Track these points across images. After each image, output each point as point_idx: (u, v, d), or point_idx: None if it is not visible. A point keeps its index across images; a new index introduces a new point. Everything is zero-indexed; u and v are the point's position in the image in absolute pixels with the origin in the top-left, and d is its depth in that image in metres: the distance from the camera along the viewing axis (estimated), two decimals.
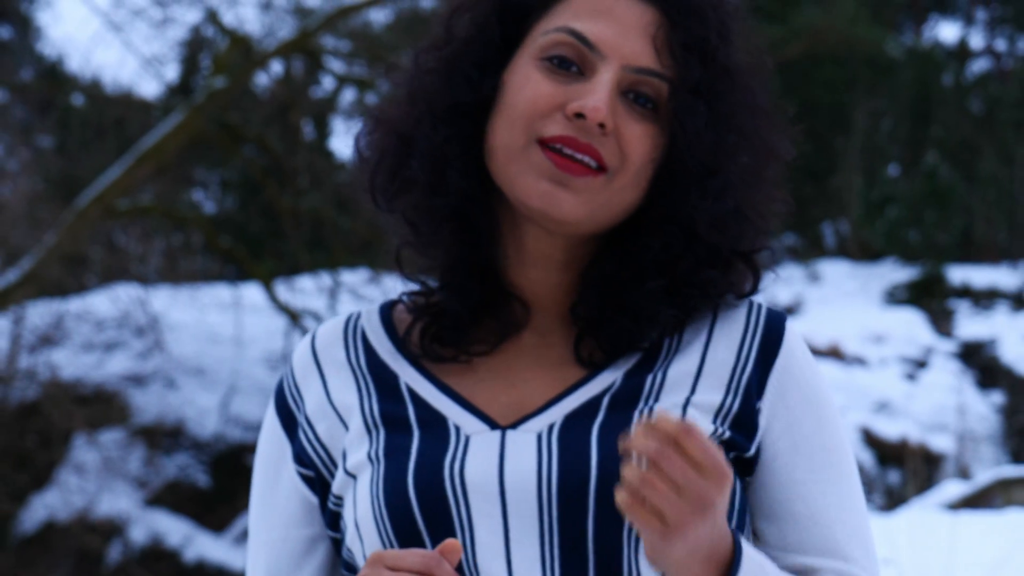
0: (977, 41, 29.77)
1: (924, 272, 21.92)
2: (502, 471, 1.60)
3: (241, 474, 15.73)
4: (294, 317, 15.19)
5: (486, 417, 1.65)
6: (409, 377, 1.70)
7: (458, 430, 1.64)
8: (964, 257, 23.64)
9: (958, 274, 21.95)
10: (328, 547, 1.73)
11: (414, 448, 1.63)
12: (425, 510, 1.59)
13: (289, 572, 1.72)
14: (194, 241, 20.24)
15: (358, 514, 1.63)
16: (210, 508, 15.93)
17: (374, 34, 17.87)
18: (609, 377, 1.66)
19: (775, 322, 1.71)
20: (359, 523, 1.63)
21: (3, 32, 24.10)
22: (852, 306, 20.95)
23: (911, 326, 19.64)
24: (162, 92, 18.07)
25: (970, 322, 20.42)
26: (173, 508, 15.80)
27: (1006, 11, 29.35)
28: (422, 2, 17.47)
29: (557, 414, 1.64)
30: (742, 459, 1.66)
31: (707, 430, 1.63)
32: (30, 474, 15.28)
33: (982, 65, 29.45)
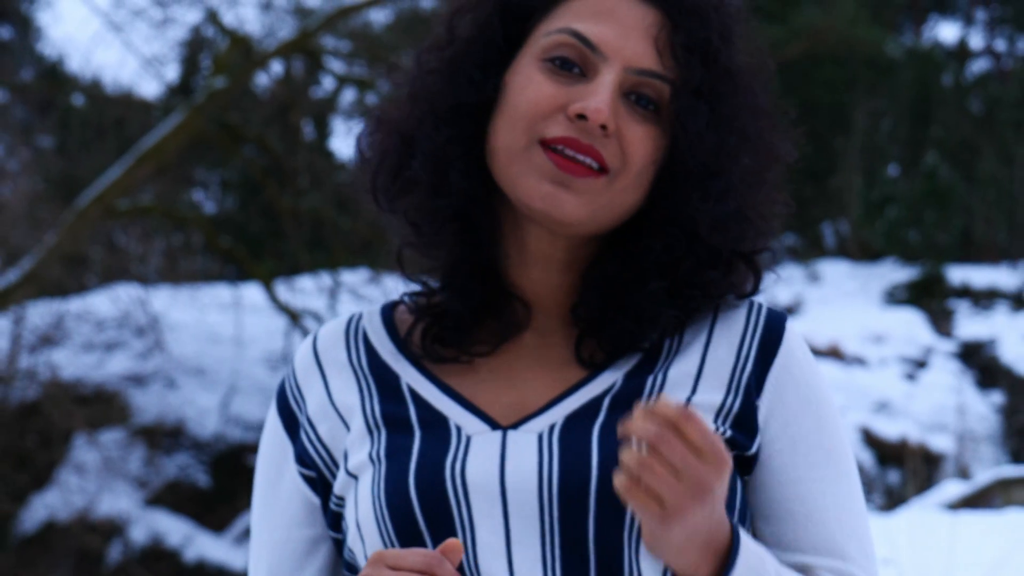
0: (977, 41, 29.80)
1: (924, 272, 21.91)
2: (503, 471, 1.60)
3: (241, 474, 15.73)
4: (294, 317, 15.18)
5: (487, 417, 1.65)
6: (410, 377, 1.70)
7: (459, 430, 1.64)
8: (964, 257, 23.63)
9: (958, 274, 21.94)
10: (330, 548, 1.73)
11: (415, 448, 1.63)
12: (426, 510, 1.59)
13: (291, 573, 1.73)
14: (194, 241, 20.24)
15: (359, 514, 1.63)
16: (210, 508, 15.93)
17: (374, 34, 17.86)
18: (610, 378, 1.66)
19: (775, 321, 1.71)
20: (360, 523, 1.63)
21: (3, 32, 24.10)
22: (852, 306, 20.94)
23: (911, 326, 19.64)
24: (162, 92, 18.07)
25: (970, 322, 20.42)
26: (173, 508, 15.79)
27: (1006, 11, 29.36)
28: (422, 2, 17.47)
29: (558, 414, 1.64)
30: (744, 458, 1.66)
31: None
32: (30, 474, 15.27)
33: (982, 65, 29.46)
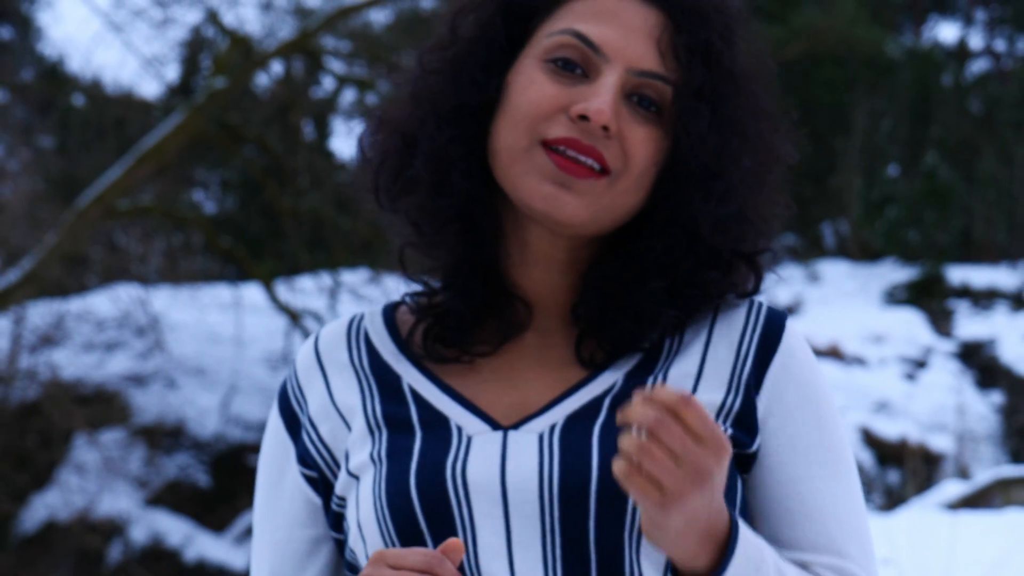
0: (976, 41, 29.79)
1: (924, 272, 21.90)
2: (504, 472, 1.60)
3: (241, 474, 15.73)
4: (294, 317, 15.18)
5: (488, 418, 1.65)
6: (412, 378, 1.70)
7: (460, 431, 1.64)
8: (964, 257, 23.63)
9: (958, 274, 21.94)
10: (331, 548, 1.73)
11: (416, 449, 1.63)
12: (427, 510, 1.60)
13: (293, 573, 1.73)
14: (194, 241, 20.23)
15: (361, 515, 1.64)
16: (210, 508, 15.92)
17: (374, 34, 17.86)
18: (610, 378, 1.66)
19: (775, 320, 1.71)
20: (362, 524, 1.63)
21: (3, 32, 24.09)
22: (852, 306, 20.94)
23: (911, 326, 19.64)
24: (162, 92, 18.06)
25: (969, 322, 20.41)
26: (173, 508, 15.79)
27: (1006, 11, 29.35)
28: (422, 2, 17.47)
29: (559, 415, 1.64)
30: (744, 456, 1.66)
31: None
32: (30, 474, 15.27)
33: (982, 65, 29.45)
